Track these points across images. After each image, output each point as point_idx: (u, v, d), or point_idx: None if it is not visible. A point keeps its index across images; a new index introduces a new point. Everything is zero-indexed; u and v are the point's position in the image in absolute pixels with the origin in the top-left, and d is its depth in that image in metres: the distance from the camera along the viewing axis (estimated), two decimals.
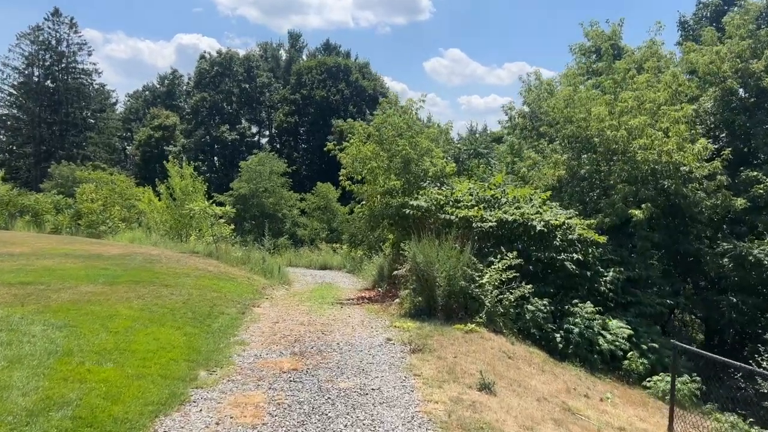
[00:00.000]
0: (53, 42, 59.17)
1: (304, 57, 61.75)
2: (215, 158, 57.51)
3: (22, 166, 60.13)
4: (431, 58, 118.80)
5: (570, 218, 12.40)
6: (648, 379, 10.64)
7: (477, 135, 20.81)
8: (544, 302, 10.99)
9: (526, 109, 20.88)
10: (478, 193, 13.16)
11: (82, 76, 60.97)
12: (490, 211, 12.46)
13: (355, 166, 15.15)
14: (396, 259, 15.79)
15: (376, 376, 6.92)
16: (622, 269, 12.71)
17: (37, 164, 56.20)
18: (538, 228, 11.57)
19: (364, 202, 16.06)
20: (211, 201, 24.56)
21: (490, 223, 11.77)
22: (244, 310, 11.29)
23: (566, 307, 11.47)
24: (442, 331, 9.56)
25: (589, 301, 11.46)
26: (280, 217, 37.84)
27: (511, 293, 10.74)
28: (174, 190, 25.14)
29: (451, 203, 12.76)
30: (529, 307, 10.91)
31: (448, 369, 7.21)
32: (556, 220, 11.89)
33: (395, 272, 12.38)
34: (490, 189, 13.37)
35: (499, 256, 11.15)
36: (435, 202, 12.75)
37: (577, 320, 11.14)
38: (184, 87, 67.37)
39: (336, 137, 15.81)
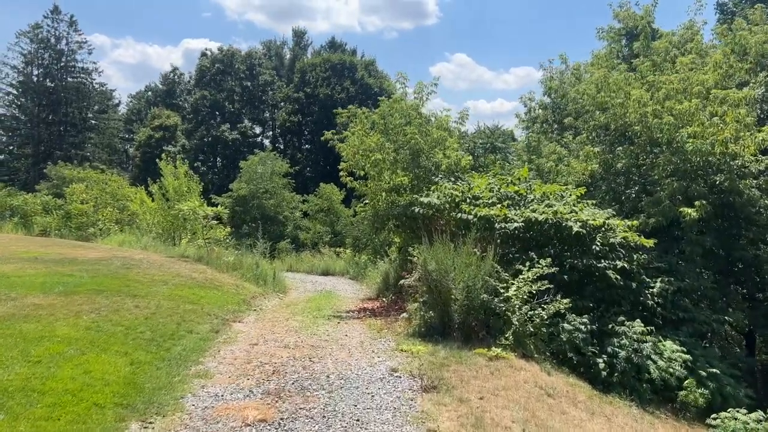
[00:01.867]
0: (52, 40, 57.58)
1: (309, 55, 59.85)
2: (217, 159, 55.75)
3: (21, 167, 58.66)
4: (438, 63, 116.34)
5: (609, 218, 10.44)
6: (713, 417, 8.62)
7: (492, 131, 19.00)
8: (584, 320, 9.02)
9: (547, 99, 18.90)
10: (499, 188, 11.21)
11: (81, 75, 59.36)
12: (515, 209, 10.51)
13: (356, 159, 13.24)
14: (403, 266, 13.90)
15: (375, 431, 5.00)
16: (672, 279, 10.72)
17: (36, 165, 54.64)
18: (575, 229, 9.60)
19: (367, 201, 14.16)
20: (204, 201, 22.82)
21: (516, 224, 9.81)
22: (220, 327, 9.39)
23: (609, 325, 9.48)
24: (461, 358, 7.63)
25: (638, 319, 9.46)
26: (282, 219, 35.93)
27: (543, 309, 8.79)
28: (167, 190, 23.47)
29: (468, 200, 10.81)
30: (566, 325, 8.94)
31: (475, 420, 5.27)
32: (594, 220, 9.92)
33: (402, 281, 10.46)
34: (514, 184, 11.42)
35: (527, 264, 9.19)
36: (449, 199, 10.81)
37: (623, 342, 9.15)
38: (185, 86, 65.67)
39: (340, 132, 13.90)
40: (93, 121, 61.51)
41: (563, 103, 17.76)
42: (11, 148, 60.26)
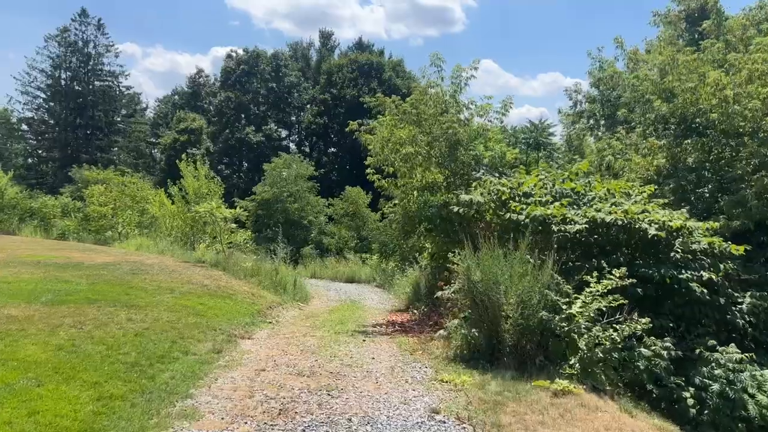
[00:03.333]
0: (80, 44, 57.44)
1: (336, 57, 58.59)
2: (242, 162, 54.85)
3: (48, 171, 58.70)
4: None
5: (688, 220, 8.69)
6: None
7: (535, 125, 17.41)
8: (667, 344, 7.31)
9: (594, 92, 17.15)
10: (554, 185, 9.56)
11: (108, 78, 59.19)
12: (574, 209, 8.85)
13: (385, 153, 11.73)
14: (436, 274, 12.31)
15: None
16: (765, 294, 8.92)
17: (62, 168, 54.48)
18: (651, 233, 7.90)
19: (396, 202, 12.64)
20: (224, 204, 21.61)
21: (579, 226, 8.15)
22: (224, 345, 7.92)
23: (696, 350, 7.74)
24: (518, 393, 6.02)
25: (732, 343, 7.71)
26: (306, 224, 34.61)
27: (616, 330, 7.11)
28: (187, 192, 22.31)
29: (517, 198, 9.18)
30: (644, 351, 7.23)
31: None
32: (672, 222, 8.20)
33: (440, 294, 8.89)
34: (571, 180, 9.74)
35: (595, 274, 7.52)
36: (495, 197, 9.19)
37: (715, 371, 7.43)
38: (210, 88, 65.03)
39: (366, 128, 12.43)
40: (120, 125, 61.34)
41: (614, 96, 16.00)
42: (39, 151, 60.42)
